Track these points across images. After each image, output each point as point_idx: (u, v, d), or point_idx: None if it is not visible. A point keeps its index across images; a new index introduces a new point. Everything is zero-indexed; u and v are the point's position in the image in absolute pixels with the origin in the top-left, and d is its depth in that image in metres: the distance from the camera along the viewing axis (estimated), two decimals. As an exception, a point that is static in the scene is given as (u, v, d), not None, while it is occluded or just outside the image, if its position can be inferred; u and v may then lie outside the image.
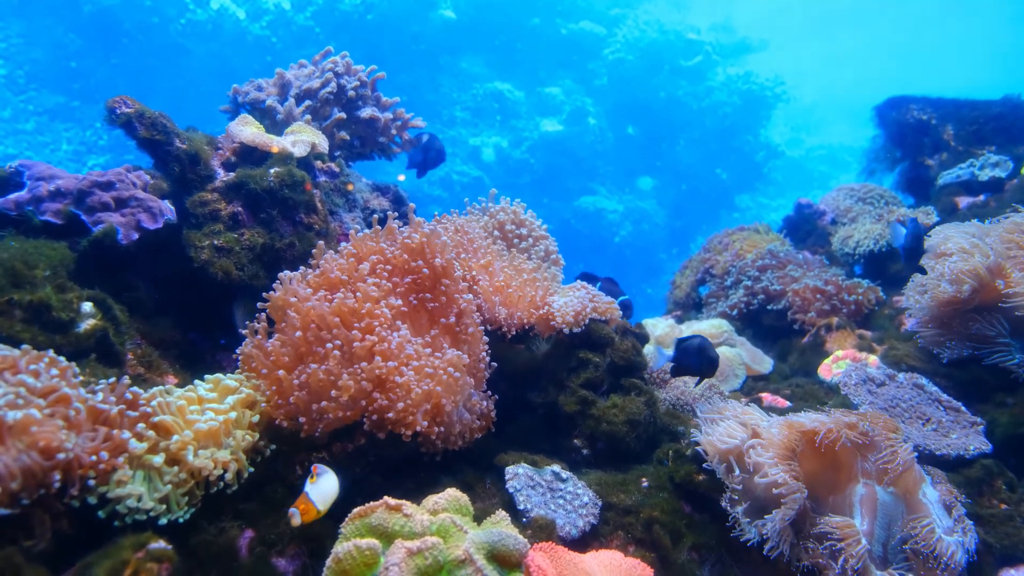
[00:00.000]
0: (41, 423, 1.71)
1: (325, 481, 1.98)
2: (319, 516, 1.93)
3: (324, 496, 1.95)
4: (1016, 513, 2.46)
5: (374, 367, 2.21)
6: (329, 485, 1.98)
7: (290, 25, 15.47)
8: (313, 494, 1.93)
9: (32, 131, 14.21)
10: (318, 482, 1.96)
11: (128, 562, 1.73)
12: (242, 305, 2.98)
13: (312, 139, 3.35)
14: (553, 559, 1.94)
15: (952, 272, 3.01)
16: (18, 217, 2.60)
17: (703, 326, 4.08)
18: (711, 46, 18.48)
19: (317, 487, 1.95)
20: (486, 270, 2.92)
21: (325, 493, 1.95)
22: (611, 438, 2.69)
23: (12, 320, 2.18)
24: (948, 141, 5.02)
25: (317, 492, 1.94)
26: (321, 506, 1.92)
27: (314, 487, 1.94)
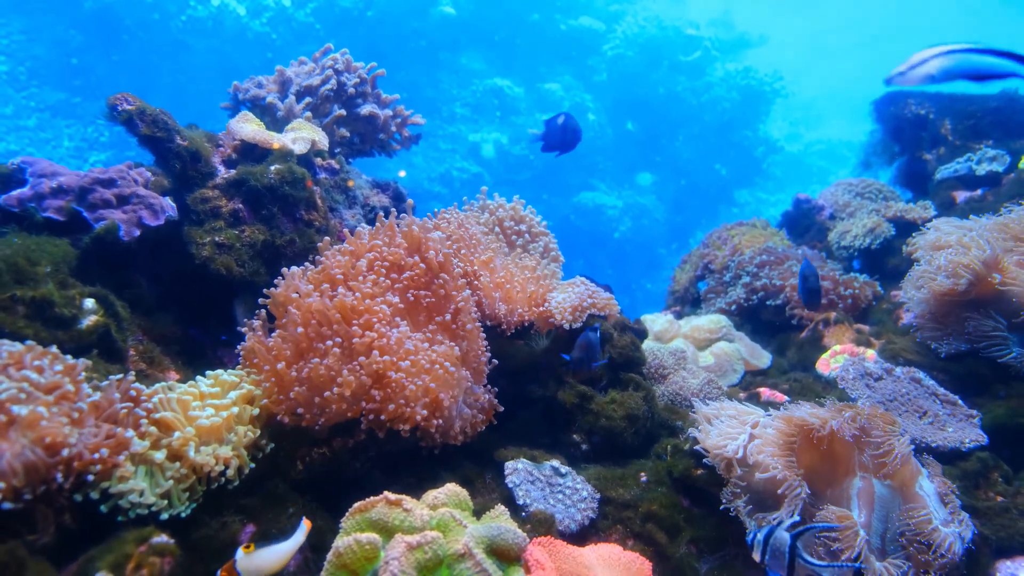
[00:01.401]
0: (47, 419, 1.73)
1: (262, 553, 1.76)
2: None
3: (253, 569, 1.73)
4: (1012, 505, 2.47)
5: (372, 362, 2.23)
6: (266, 558, 1.76)
7: (290, 22, 15.45)
8: (241, 564, 1.72)
9: (34, 127, 14.20)
10: (254, 553, 1.74)
11: (131, 556, 1.75)
12: (243, 301, 3.00)
13: (312, 136, 3.36)
14: (552, 553, 1.96)
15: (949, 265, 3.02)
16: (20, 214, 2.62)
17: (702, 321, 4.10)
18: (710, 41, 18.45)
19: (251, 558, 1.74)
20: (486, 266, 2.94)
21: (256, 565, 1.74)
22: (610, 433, 2.71)
23: (15, 316, 2.20)
24: (946, 136, 5.02)
25: (248, 562, 1.73)
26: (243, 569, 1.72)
27: (247, 557, 1.73)
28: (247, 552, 1.75)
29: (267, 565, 1.77)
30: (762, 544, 2.01)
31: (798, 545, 1.95)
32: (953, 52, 1.78)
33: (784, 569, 1.96)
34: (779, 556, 1.97)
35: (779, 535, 1.99)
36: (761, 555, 1.99)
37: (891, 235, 4.48)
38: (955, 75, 1.86)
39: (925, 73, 1.85)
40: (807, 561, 1.93)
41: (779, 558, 1.97)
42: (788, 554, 1.95)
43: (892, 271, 4.34)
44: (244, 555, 1.74)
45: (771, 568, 2.01)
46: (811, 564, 1.93)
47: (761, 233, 5.07)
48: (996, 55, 1.78)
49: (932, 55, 1.78)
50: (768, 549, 1.99)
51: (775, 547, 1.99)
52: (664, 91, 17.81)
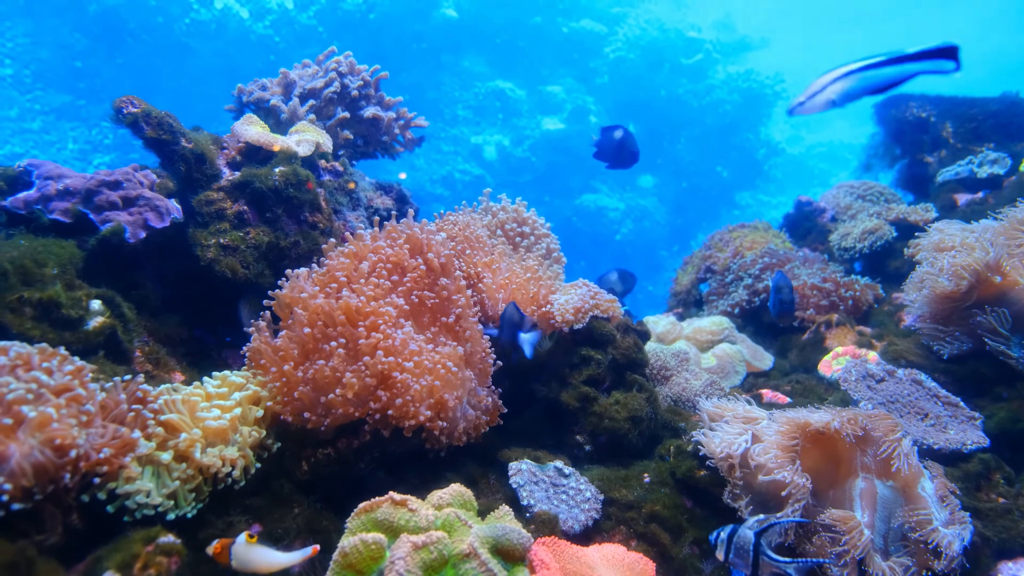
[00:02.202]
0: (56, 420, 1.74)
1: (260, 551, 1.83)
2: (222, 560, 1.82)
3: (245, 560, 1.82)
4: (1014, 507, 2.48)
5: (377, 362, 2.24)
6: (261, 556, 1.83)
7: (293, 24, 15.48)
8: (238, 549, 1.81)
9: (38, 130, 14.24)
10: (253, 547, 1.83)
11: (138, 556, 1.76)
12: (247, 303, 3.02)
13: (316, 138, 3.38)
14: (556, 553, 1.97)
15: (951, 267, 3.03)
16: (27, 216, 2.63)
17: (704, 323, 4.11)
18: (712, 44, 18.45)
19: (248, 549, 1.82)
20: (489, 268, 2.95)
21: (249, 559, 1.82)
22: (613, 434, 2.72)
23: (22, 317, 2.21)
24: (947, 138, 5.03)
25: (244, 551, 1.82)
26: (235, 563, 1.81)
27: (245, 546, 1.82)
28: (249, 542, 1.81)
29: (258, 563, 1.83)
30: (725, 543, 2.04)
31: (762, 543, 1.98)
32: (850, 73, 1.79)
33: (749, 567, 1.98)
34: (743, 555, 2.00)
35: (742, 533, 2.02)
36: (724, 554, 2.02)
37: (892, 237, 4.49)
38: (858, 95, 1.87)
39: (826, 99, 1.85)
40: (771, 558, 1.95)
41: (743, 556, 2.00)
42: (752, 552, 1.97)
43: (893, 273, 4.34)
44: (244, 543, 1.80)
45: (735, 567, 2.03)
46: (775, 561, 1.95)
47: (763, 235, 5.08)
48: (891, 63, 1.78)
49: (830, 80, 1.79)
50: (732, 548, 2.02)
51: (739, 545, 2.02)
52: (666, 93, 17.82)
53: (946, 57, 1.70)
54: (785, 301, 3.27)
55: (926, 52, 1.72)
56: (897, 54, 1.74)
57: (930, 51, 1.71)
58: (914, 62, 1.75)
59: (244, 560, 1.82)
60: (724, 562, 2.06)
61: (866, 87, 1.82)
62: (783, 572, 1.96)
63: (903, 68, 1.76)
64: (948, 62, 1.70)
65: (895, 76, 1.78)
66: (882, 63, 1.76)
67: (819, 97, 1.81)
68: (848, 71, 1.76)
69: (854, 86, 1.80)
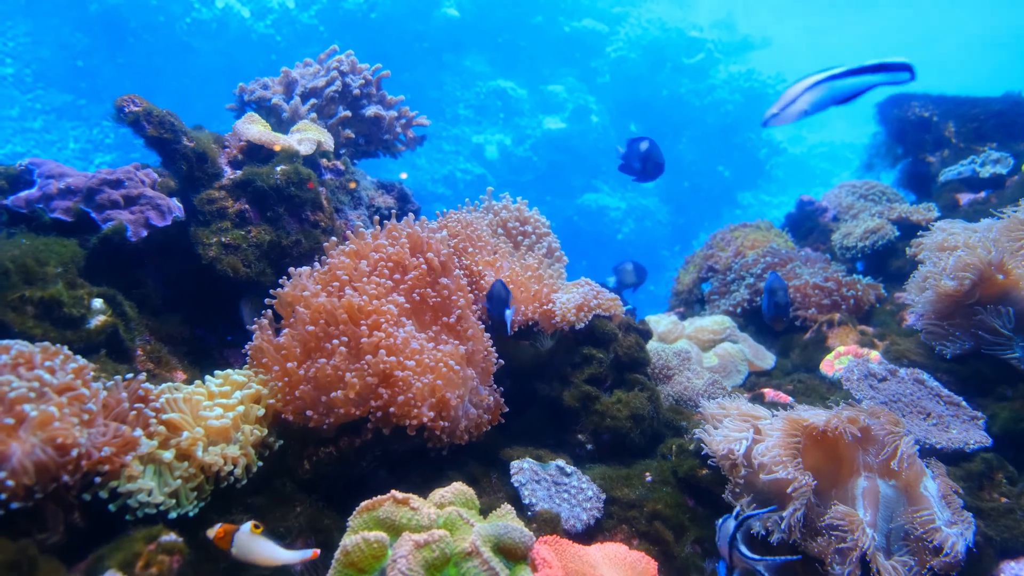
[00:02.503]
0: (58, 419, 1.74)
1: (263, 544, 1.83)
2: (222, 546, 1.83)
3: (247, 550, 1.82)
4: (1016, 506, 2.48)
5: (379, 361, 2.24)
6: (262, 549, 1.83)
7: (294, 24, 15.49)
8: (241, 537, 1.82)
9: (39, 129, 14.25)
10: (257, 538, 1.83)
11: (140, 554, 1.76)
12: (249, 302, 3.01)
13: (318, 137, 3.38)
14: (558, 552, 1.97)
15: (953, 266, 3.03)
16: (29, 215, 2.63)
17: (706, 322, 4.11)
18: (713, 44, 18.45)
19: (252, 539, 1.82)
20: (492, 266, 2.95)
21: (251, 549, 1.82)
22: (615, 433, 2.72)
23: (24, 316, 2.21)
24: (949, 138, 5.03)
25: (247, 540, 1.82)
26: (235, 550, 1.82)
27: (249, 536, 1.82)
28: (254, 532, 1.81)
29: (258, 555, 1.82)
30: (718, 531, 2.11)
31: (738, 536, 2.03)
32: (818, 83, 1.87)
33: (727, 559, 2.01)
34: (723, 547, 2.04)
35: (726, 525, 2.08)
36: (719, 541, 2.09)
37: (895, 237, 4.48)
38: (826, 104, 1.93)
39: (799, 110, 1.92)
40: (741, 553, 1.99)
41: (723, 548, 2.04)
42: (728, 545, 1.99)
43: (896, 273, 4.34)
44: (249, 532, 1.81)
45: (721, 555, 2.06)
46: (744, 557, 1.99)
47: (764, 235, 5.08)
48: (855, 74, 1.86)
49: (801, 91, 1.86)
50: (719, 537, 2.09)
51: (722, 535, 2.08)
52: (667, 93, 17.81)
53: (902, 70, 1.78)
54: (780, 304, 3.25)
55: (884, 65, 1.79)
56: (858, 66, 1.81)
57: (888, 64, 1.78)
58: (873, 73, 1.82)
59: (245, 549, 1.82)
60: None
61: (833, 96, 1.90)
62: (753, 568, 1.99)
63: (864, 79, 1.84)
64: (903, 73, 1.78)
65: (858, 86, 1.86)
66: (846, 73, 1.84)
67: (792, 108, 1.87)
68: (816, 81, 1.83)
69: (822, 96, 1.87)
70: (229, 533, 1.83)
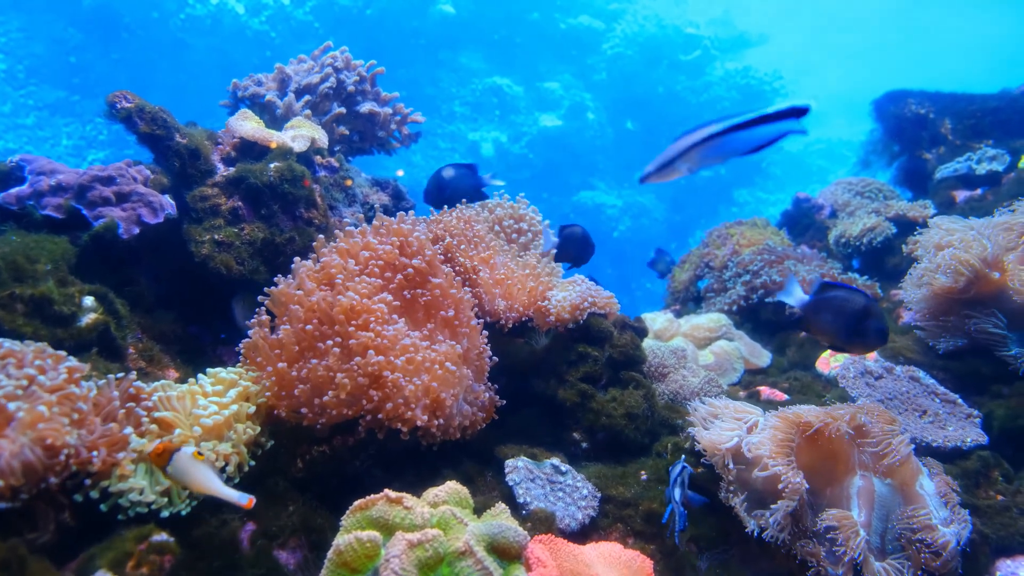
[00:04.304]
0: (48, 419, 1.72)
1: (202, 470, 1.81)
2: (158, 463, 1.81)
3: (183, 472, 1.80)
4: (1012, 504, 2.47)
5: (367, 362, 2.22)
6: (199, 474, 1.80)
7: (289, 20, 15.46)
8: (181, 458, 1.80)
9: (32, 126, 14.20)
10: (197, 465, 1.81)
11: (131, 554, 1.75)
12: (242, 299, 3.00)
13: (312, 134, 3.36)
14: (552, 551, 1.96)
15: (950, 263, 3.02)
16: (19, 212, 2.61)
17: (702, 320, 4.10)
18: (710, 40, 18.47)
19: (191, 463, 1.80)
20: (487, 263, 2.94)
21: (187, 472, 1.79)
22: (610, 431, 2.71)
23: (14, 314, 2.19)
24: (946, 135, 5.03)
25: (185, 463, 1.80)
26: (171, 469, 1.79)
27: (189, 459, 1.80)
28: (195, 457, 1.80)
29: (193, 480, 1.80)
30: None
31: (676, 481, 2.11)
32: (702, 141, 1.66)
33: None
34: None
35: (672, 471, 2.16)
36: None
37: (891, 234, 4.47)
38: (715, 162, 1.77)
39: (685, 168, 1.74)
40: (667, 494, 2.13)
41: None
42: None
43: (892, 270, 4.34)
44: (190, 456, 1.79)
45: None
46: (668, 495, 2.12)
47: (761, 232, 5.07)
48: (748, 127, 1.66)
49: (683, 148, 1.67)
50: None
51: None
52: (664, 90, 17.83)
53: (798, 116, 1.63)
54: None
55: (780, 113, 1.64)
56: (751, 118, 1.65)
57: (783, 112, 1.63)
58: (767, 124, 1.66)
59: (182, 471, 1.79)
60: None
61: (723, 153, 1.72)
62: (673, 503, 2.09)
63: (756, 131, 1.67)
64: (792, 122, 1.63)
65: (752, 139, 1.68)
66: (736, 128, 1.65)
67: (676, 166, 1.71)
68: (701, 138, 1.65)
69: (709, 153, 1.70)
70: (168, 452, 1.80)
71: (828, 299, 2.49)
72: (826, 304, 2.49)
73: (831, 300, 2.48)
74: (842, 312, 2.45)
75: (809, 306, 2.52)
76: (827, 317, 2.48)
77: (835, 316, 2.46)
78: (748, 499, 2.24)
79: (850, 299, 2.46)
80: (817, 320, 2.51)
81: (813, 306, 2.51)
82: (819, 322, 2.51)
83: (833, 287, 2.52)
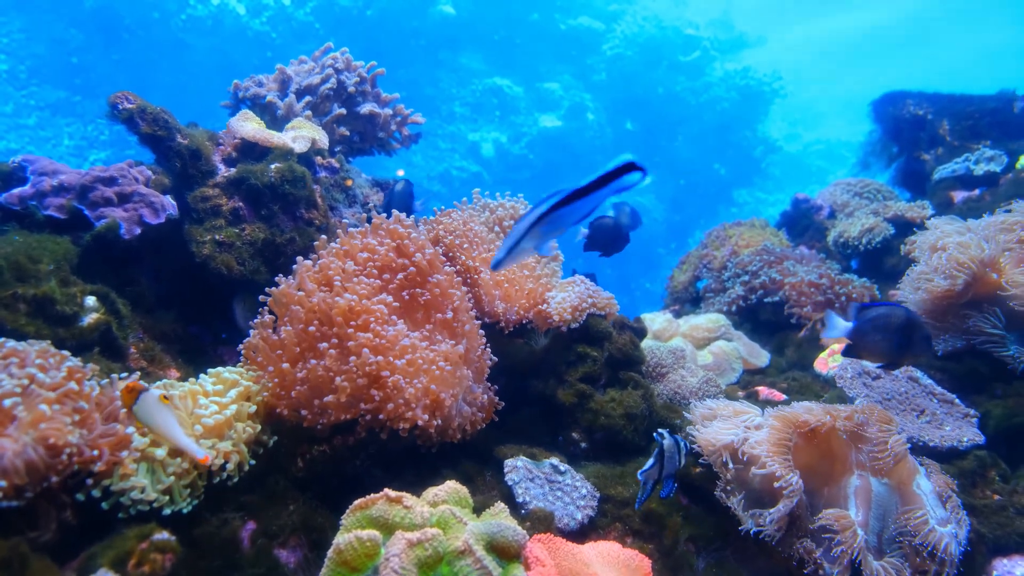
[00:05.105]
0: (50, 419, 1.74)
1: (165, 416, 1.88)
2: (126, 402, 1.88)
3: (147, 414, 1.87)
4: (1009, 503, 2.48)
5: (364, 362, 2.23)
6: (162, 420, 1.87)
7: (290, 21, 15.47)
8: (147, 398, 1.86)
9: (34, 126, 14.21)
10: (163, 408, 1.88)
11: (133, 552, 1.76)
12: (242, 300, 3.01)
13: (312, 135, 3.37)
14: (551, 550, 1.97)
15: (947, 266, 3.03)
16: (22, 212, 2.63)
17: (701, 320, 4.11)
18: (709, 41, 18.50)
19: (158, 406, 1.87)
20: (486, 264, 2.95)
21: (151, 414, 1.87)
22: (609, 431, 2.72)
23: (16, 314, 2.21)
24: (944, 136, 5.04)
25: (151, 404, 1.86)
26: (136, 408, 1.86)
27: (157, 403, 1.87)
28: (162, 400, 1.87)
29: (155, 423, 1.88)
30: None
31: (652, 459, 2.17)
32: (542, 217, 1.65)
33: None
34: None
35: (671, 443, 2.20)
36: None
37: (890, 235, 4.49)
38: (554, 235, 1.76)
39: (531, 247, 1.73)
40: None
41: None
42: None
43: (891, 271, 4.35)
44: (156, 398, 1.86)
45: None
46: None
47: (760, 233, 5.09)
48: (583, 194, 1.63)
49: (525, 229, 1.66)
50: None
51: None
52: (663, 91, 17.84)
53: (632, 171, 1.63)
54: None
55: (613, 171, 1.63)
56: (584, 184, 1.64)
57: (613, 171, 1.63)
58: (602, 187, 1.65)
59: (147, 413, 1.86)
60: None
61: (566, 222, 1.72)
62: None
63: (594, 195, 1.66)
64: (635, 175, 1.63)
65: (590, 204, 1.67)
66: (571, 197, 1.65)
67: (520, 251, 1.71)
68: (540, 215, 1.65)
69: (551, 227, 1.70)
70: (136, 391, 1.85)
71: (871, 320, 2.53)
72: (870, 326, 2.53)
73: (875, 321, 2.53)
74: (888, 329, 2.50)
75: (854, 332, 2.56)
76: (875, 338, 2.52)
77: (883, 335, 2.51)
78: (746, 498, 2.25)
79: (892, 314, 2.51)
80: (866, 343, 2.55)
81: (858, 331, 2.56)
82: (868, 344, 2.55)
83: (870, 307, 2.56)
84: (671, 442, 2.19)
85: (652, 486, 2.21)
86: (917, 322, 2.49)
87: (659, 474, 2.18)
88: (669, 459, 2.17)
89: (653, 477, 2.19)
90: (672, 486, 2.22)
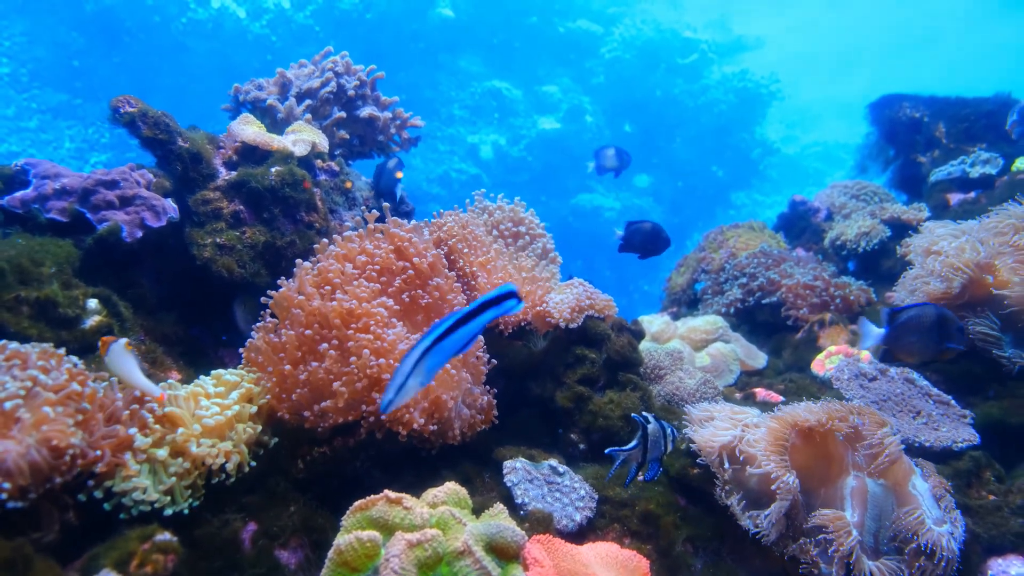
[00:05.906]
0: (52, 420, 1.75)
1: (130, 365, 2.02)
2: (102, 354, 2.01)
3: (115, 362, 2.01)
4: (1004, 504, 2.50)
5: (364, 364, 2.25)
6: (129, 370, 2.01)
7: (290, 24, 15.47)
8: (116, 349, 2.01)
9: (35, 129, 14.22)
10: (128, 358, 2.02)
11: (135, 553, 1.77)
12: (243, 302, 3.03)
13: (312, 138, 3.39)
14: (550, 551, 1.98)
15: (942, 269, 3.05)
16: (24, 215, 2.64)
17: (698, 322, 4.13)
18: (707, 44, 18.49)
19: (126, 355, 2.02)
20: (485, 267, 2.96)
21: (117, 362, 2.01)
22: (607, 432, 2.73)
23: (19, 316, 2.22)
24: (940, 138, 5.05)
25: (118, 352, 2.01)
26: (107, 358, 2.00)
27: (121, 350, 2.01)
28: (126, 348, 2.01)
29: (119, 369, 2.02)
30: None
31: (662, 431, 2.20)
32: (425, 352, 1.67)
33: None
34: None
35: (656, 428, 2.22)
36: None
37: (886, 237, 4.51)
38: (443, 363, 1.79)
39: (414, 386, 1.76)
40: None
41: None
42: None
43: (887, 273, 4.37)
44: (122, 347, 2.01)
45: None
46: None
47: (757, 235, 5.11)
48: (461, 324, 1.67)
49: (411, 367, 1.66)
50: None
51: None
52: (661, 93, 17.85)
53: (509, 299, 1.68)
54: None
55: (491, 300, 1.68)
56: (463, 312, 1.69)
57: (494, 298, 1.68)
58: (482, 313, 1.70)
59: (114, 361, 2.01)
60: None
61: (449, 352, 1.75)
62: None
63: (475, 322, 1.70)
64: (511, 301, 1.68)
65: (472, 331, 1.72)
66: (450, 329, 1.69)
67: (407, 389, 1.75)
68: (424, 350, 1.68)
69: (436, 360, 1.73)
70: (106, 344, 2.01)
71: (905, 323, 2.57)
72: (904, 328, 2.57)
73: (908, 322, 2.57)
74: (922, 328, 2.54)
75: (889, 337, 2.59)
76: (912, 339, 2.56)
77: (919, 335, 2.56)
78: (743, 499, 2.27)
79: (923, 314, 2.55)
80: (902, 345, 2.59)
81: (893, 335, 2.59)
82: (906, 346, 2.59)
83: (900, 311, 2.59)
84: (656, 427, 2.20)
85: (637, 468, 2.23)
86: (948, 316, 2.53)
87: (643, 457, 2.20)
88: (654, 443, 2.19)
89: (637, 459, 2.21)
90: (657, 469, 2.23)
